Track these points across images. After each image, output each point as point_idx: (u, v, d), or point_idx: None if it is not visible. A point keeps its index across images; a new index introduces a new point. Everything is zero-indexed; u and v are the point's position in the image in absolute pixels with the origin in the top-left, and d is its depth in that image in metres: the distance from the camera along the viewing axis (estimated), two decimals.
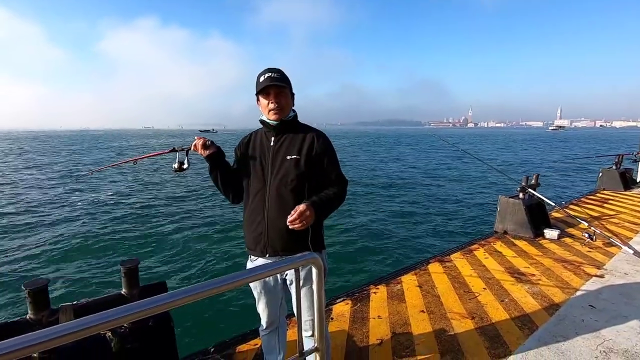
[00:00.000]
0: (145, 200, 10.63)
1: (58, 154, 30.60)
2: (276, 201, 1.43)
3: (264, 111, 1.50)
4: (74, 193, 11.75)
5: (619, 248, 3.61)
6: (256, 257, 1.52)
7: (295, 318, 2.01)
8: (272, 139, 1.51)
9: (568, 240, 3.99)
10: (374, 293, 2.74)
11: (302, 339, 1.15)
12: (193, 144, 1.54)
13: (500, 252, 3.64)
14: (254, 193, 1.50)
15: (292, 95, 1.53)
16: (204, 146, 1.51)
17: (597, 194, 6.54)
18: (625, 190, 6.82)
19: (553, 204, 4.32)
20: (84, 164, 21.84)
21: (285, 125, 1.50)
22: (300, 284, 1.38)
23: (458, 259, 3.46)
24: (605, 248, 3.69)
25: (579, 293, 2.70)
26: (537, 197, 4.37)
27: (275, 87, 1.44)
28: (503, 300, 2.61)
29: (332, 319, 2.37)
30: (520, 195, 4.36)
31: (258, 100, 1.50)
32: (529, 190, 4.37)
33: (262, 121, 1.52)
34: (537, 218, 4.25)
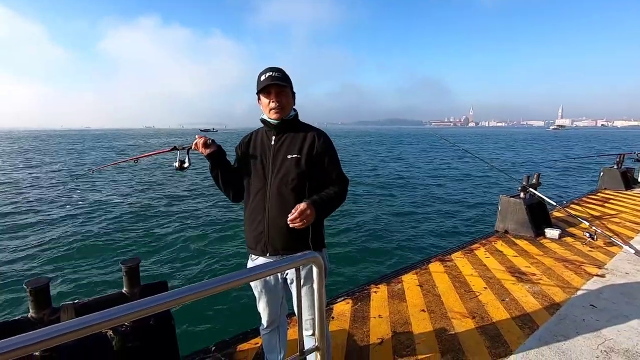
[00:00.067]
0: (146, 199, 10.64)
1: (59, 153, 30.65)
2: (277, 200, 1.43)
3: (265, 110, 1.50)
4: (75, 192, 11.77)
5: (620, 248, 3.60)
6: (257, 256, 1.52)
7: (295, 317, 2.02)
8: (273, 138, 1.51)
9: (569, 239, 3.98)
10: (375, 292, 2.74)
11: (303, 338, 1.15)
12: (194, 143, 1.54)
13: (501, 252, 3.64)
14: (254, 192, 1.50)
15: (293, 94, 1.53)
16: (205, 145, 1.51)
17: (598, 194, 6.53)
18: (626, 189, 6.81)
19: (554, 204, 4.31)
20: (84, 163, 21.87)
21: (286, 125, 1.50)
22: (301, 283, 1.38)
23: (459, 259, 3.45)
24: (606, 248, 3.68)
25: (579, 292, 2.70)
26: (538, 197, 4.36)
27: (276, 86, 1.44)
28: (504, 300, 2.61)
29: (333, 318, 2.37)
30: (521, 194, 4.36)
31: (259, 99, 1.50)
32: (530, 189, 4.37)
33: (263, 120, 1.52)
34: (538, 217, 4.25)
